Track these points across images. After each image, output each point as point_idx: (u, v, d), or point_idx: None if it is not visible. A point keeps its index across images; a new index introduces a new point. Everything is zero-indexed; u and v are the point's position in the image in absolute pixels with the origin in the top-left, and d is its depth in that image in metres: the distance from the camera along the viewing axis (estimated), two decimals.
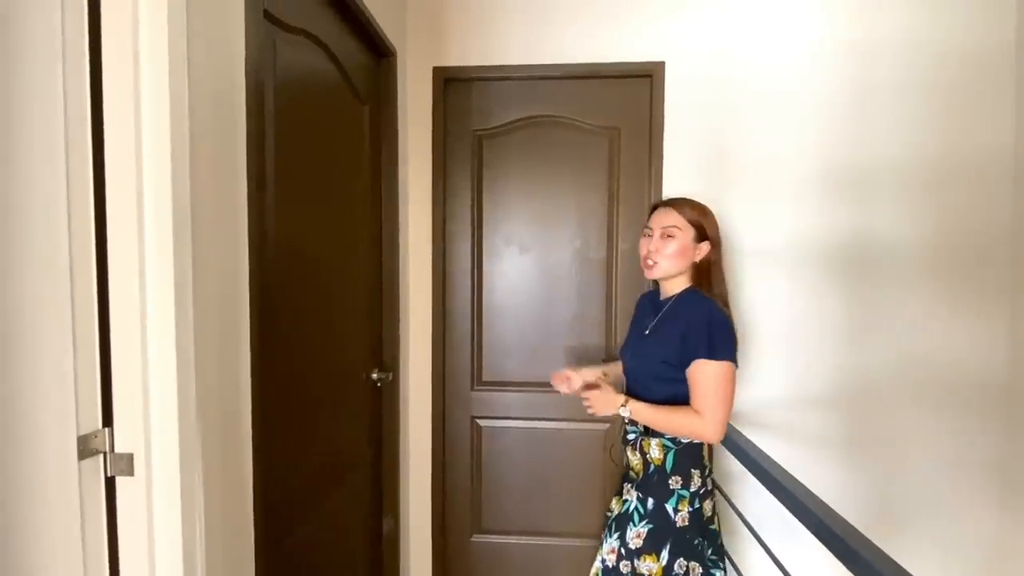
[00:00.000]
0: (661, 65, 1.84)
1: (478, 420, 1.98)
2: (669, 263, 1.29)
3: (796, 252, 1.82)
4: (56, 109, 0.66)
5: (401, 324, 1.84)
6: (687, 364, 1.21)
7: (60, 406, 0.67)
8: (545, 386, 1.94)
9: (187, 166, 0.76)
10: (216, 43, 0.88)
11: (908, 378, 1.80)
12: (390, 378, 1.73)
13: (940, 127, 1.77)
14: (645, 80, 1.87)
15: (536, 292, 1.94)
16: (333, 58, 1.36)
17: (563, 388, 1.41)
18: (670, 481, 1.24)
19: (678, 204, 1.32)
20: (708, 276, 1.30)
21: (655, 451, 1.26)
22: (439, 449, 1.97)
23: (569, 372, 1.41)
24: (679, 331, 1.24)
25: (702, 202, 1.35)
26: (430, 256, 1.94)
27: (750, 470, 1.27)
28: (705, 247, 1.30)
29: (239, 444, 0.95)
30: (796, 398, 1.84)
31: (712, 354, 1.18)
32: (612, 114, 1.90)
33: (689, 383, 1.22)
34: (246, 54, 0.95)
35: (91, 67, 0.70)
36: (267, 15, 1.04)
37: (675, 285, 1.32)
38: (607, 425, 1.92)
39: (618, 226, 1.91)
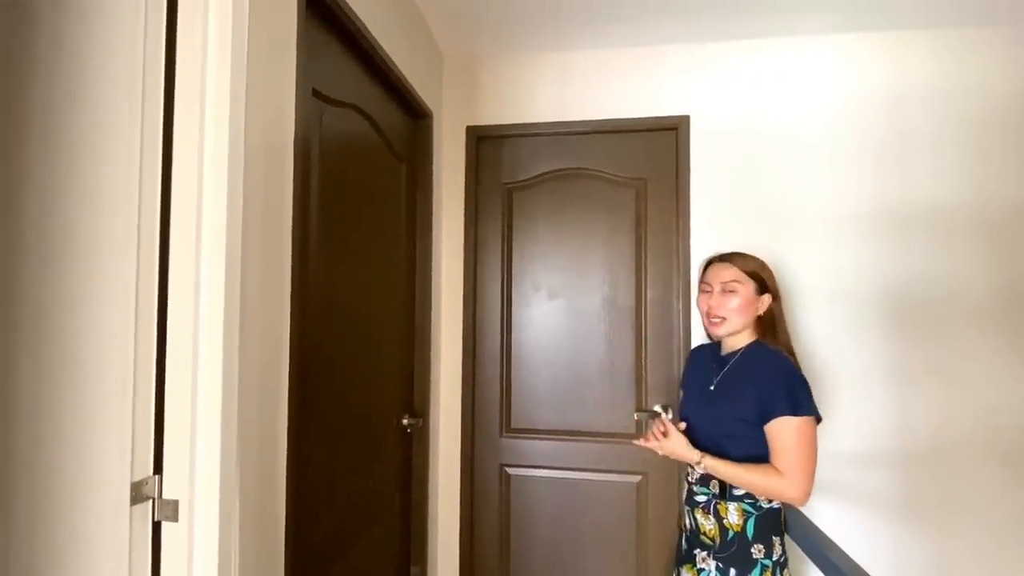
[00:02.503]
0: (686, 119, 1.90)
1: (507, 468, 1.97)
2: (736, 318, 1.28)
3: (837, 298, 1.78)
4: (132, 182, 0.76)
5: (432, 369, 1.89)
6: (765, 421, 1.17)
7: (119, 453, 0.73)
8: (575, 434, 1.93)
9: (240, 229, 0.84)
10: (270, 119, 0.98)
11: (970, 434, 1.70)
12: (420, 423, 1.76)
13: (981, 172, 1.74)
14: (670, 133, 1.93)
15: (565, 339, 1.96)
16: (373, 123, 1.48)
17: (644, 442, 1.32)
18: (752, 550, 1.17)
19: (734, 258, 1.32)
20: (773, 328, 1.28)
21: (734, 516, 1.20)
22: (467, 497, 1.96)
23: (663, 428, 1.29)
24: (754, 387, 1.20)
25: (754, 255, 1.35)
26: (461, 303, 2.00)
27: (809, 555, 1.18)
28: (767, 299, 1.29)
29: (274, 493, 0.99)
30: (849, 452, 1.76)
31: (795, 409, 1.14)
32: (638, 166, 1.95)
33: (769, 441, 1.17)
34: (295, 127, 1.05)
35: (164, 141, 0.80)
36: (315, 93, 1.15)
37: (739, 339, 1.30)
38: (639, 477, 1.88)
39: (646, 273, 1.93)
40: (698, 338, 1.83)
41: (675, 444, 1.26)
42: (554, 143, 2.00)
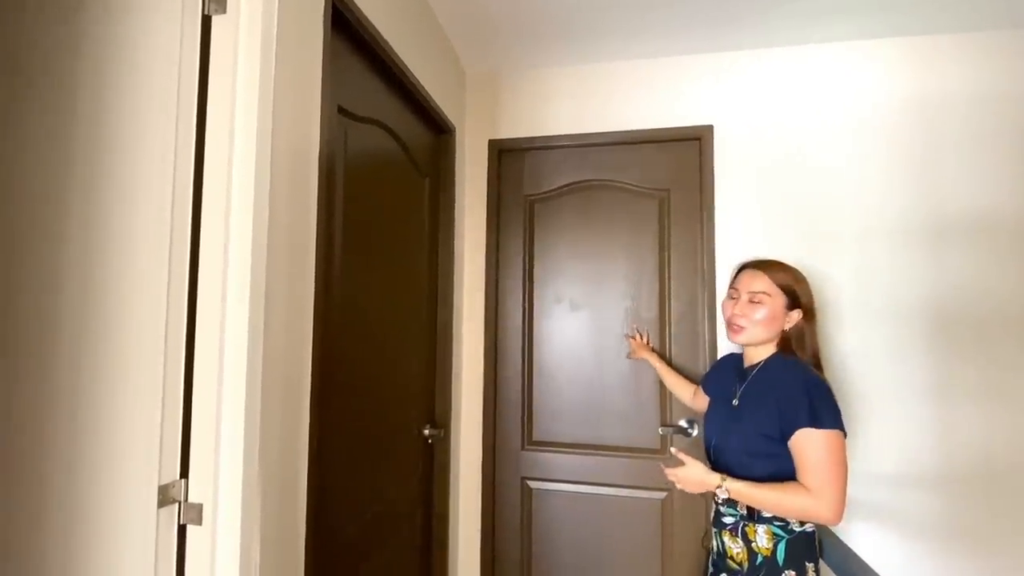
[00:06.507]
0: (709, 129, 1.88)
1: (528, 481, 1.95)
2: (757, 330, 1.22)
3: (871, 312, 1.72)
4: (165, 201, 0.79)
5: (453, 380, 1.89)
6: (788, 436, 1.10)
7: (147, 456, 0.76)
8: (598, 448, 1.90)
9: (265, 241, 0.87)
10: (296, 136, 1.02)
11: (1020, 455, 1.60)
12: (442, 434, 1.76)
13: (1020, 179, 1.66)
14: (694, 143, 1.91)
15: (587, 350, 1.94)
16: (397, 139, 1.51)
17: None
18: None
19: (770, 267, 1.25)
20: (799, 343, 1.21)
21: (763, 539, 1.13)
22: (488, 509, 1.95)
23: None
24: (775, 400, 1.14)
25: (793, 265, 1.28)
26: (483, 314, 2.01)
27: None
28: (796, 315, 1.22)
29: (295, 501, 1.01)
30: (889, 474, 1.68)
31: (815, 422, 1.07)
32: (661, 176, 1.94)
33: (794, 457, 1.10)
34: (320, 143, 1.08)
35: (196, 159, 0.84)
36: (340, 110, 1.19)
37: (760, 351, 1.25)
38: (664, 493, 1.83)
39: (670, 285, 1.90)
40: (724, 350, 1.79)
41: (691, 471, 1.17)
42: (576, 155, 2.00)
